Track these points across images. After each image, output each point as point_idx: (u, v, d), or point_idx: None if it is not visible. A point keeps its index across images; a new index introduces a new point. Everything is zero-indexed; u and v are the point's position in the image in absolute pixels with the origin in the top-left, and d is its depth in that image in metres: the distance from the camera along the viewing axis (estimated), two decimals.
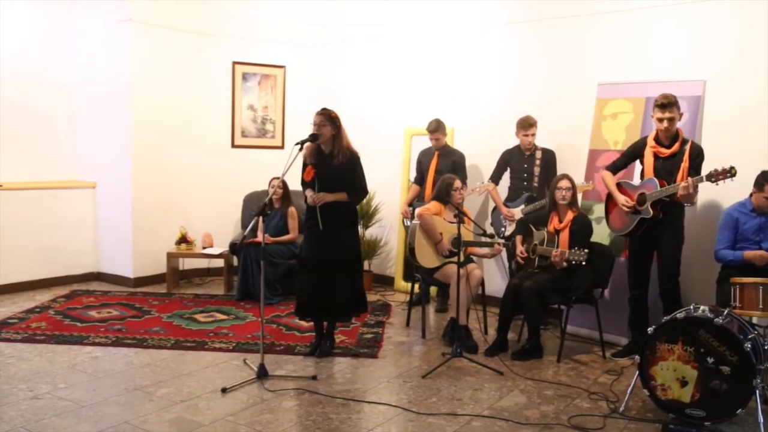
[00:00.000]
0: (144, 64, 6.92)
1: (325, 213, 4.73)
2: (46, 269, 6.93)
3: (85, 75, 7.15)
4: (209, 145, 7.51)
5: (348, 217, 4.87)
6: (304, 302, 4.87)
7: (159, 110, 7.08)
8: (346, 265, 4.80)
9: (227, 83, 7.57)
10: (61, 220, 7.02)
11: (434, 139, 6.22)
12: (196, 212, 7.46)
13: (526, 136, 5.73)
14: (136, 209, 6.99)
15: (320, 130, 4.68)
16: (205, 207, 7.50)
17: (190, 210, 7.43)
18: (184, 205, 7.40)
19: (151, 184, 7.08)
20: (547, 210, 5.24)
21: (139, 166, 6.97)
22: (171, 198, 7.28)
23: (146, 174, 7.03)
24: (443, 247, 5.27)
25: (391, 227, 7.33)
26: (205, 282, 7.41)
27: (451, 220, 5.27)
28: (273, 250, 6.37)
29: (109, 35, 6.94)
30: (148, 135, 7.02)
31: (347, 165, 4.72)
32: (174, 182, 7.29)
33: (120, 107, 6.93)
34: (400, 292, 7.03)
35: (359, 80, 7.58)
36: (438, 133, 6.19)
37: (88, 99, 7.16)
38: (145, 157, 7.01)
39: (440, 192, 5.39)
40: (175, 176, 7.30)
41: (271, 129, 7.82)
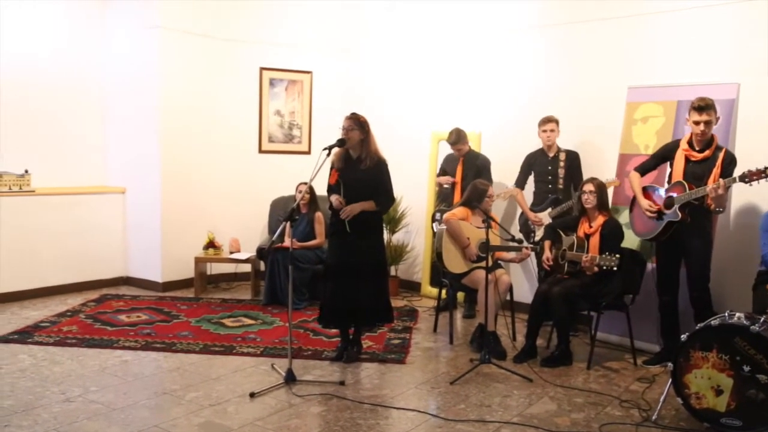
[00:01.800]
0: (172, 71, 6.97)
1: (352, 221, 4.71)
2: (77, 273, 6.99)
3: (115, 81, 7.22)
4: (236, 151, 7.54)
5: (374, 223, 4.85)
6: (328, 310, 4.86)
7: (187, 116, 7.13)
8: (372, 272, 4.79)
9: (254, 89, 7.60)
10: (91, 225, 7.08)
11: (456, 150, 6.22)
12: (224, 217, 7.49)
13: (545, 132, 5.71)
14: (164, 215, 7.03)
15: (348, 134, 4.67)
16: (233, 212, 7.52)
17: (218, 215, 7.46)
18: (212, 211, 7.43)
19: (179, 190, 7.13)
20: (577, 214, 5.20)
21: (167, 172, 7.02)
22: (199, 203, 7.32)
23: (174, 179, 7.08)
24: (471, 252, 5.24)
25: (418, 232, 7.31)
26: (233, 287, 7.44)
27: (479, 225, 5.26)
28: (300, 255, 6.37)
29: (139, 42, 7.01)
30: (177, 141, 7.07)
31: (374, 170, 4.70)
32: (202, 187, 7.33)
33: (149, 113, 6.99)
34: (427, 298, 7.00)
35: (386, 85, 7.57)
36: (459, 145, 6.18)
37: (118, 105, 7.23)
38: (174, 163, 7.06)
39: (471, 198, 5.37)
40: (203, 182, 7.34)
41: (298, 134, 7.82)
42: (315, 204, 6.65)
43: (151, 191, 7.05)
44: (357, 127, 4.68)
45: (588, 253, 4.87)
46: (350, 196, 4.72)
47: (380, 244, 4.90)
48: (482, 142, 6.64)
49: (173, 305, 6.46)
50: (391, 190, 4.81)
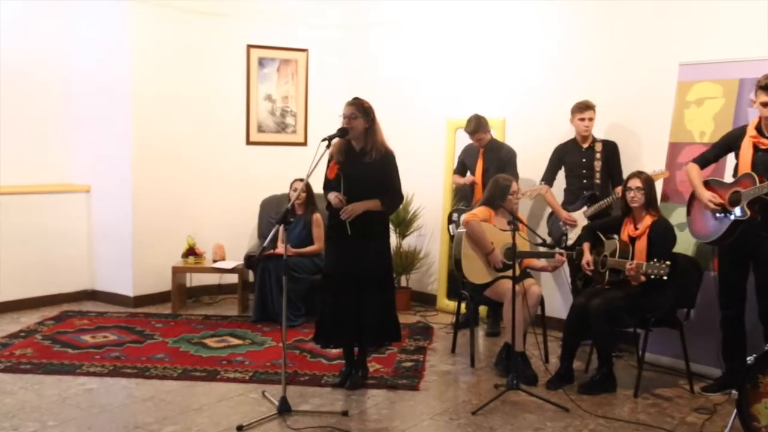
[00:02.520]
0: (145, 51, 6.95)
1: (353, 219, 4.71)
2: (32, 287, 6.96)
3: (79, 63, 7.19)
4: (220, 143, 7.54)
5: (379, 225, 4.85)
6: (328, 327, 4.86)
7: (162, 103, 7.11)
8: (376, 282, 4.78)
9: (241, 70, 7.58)
10: (49, 229, 7.05)
11: (476, 140, 6.24)
12: (206, 220, 7.48)
13: (582, 120, 5.73)
14: (136, 217, 7.02)
15: (351, 123, 4.68)
16: (217, 214, 7.52)
17: (199, 218, 7.45)
18: (192, 212, 7.42)
19: (153, 188, 7.11)
20: (619, 214, 5.17)
21: (139, 167, 7.00)
22: (177, 204, 7.31)
23: (148, 176, 7.06)
24: (495, 259, 5.24)
25: (433, 236, 7.29)
26: (217, 301, 7.43)
27: (504, 228, 5.24)
28: (295, 263, 6.37)
29: (105, 19, 7.00)
30: (151, 132, 7.05)
31: (380, 164, 4.71)
32: (180, 185, 7.32)
33: (118, 100, 6.97)
34: (444, 313, 6.99)
35: (394, 65, 7.57)
36: (479, 134, 6.19)
37: (82, 91, 7.20)
38: (147, 157, 7.04)
39: (493, 195, 5.39)
40: (182, 178, 7.33)
41: (292, 123, 7.82)
42: (312, 204, 6.66)
43: (120, 190, 7.03)
44: (361, 114, 4.68)
45: (633, 260, 4.83)
46: (352, 193, 4.71)
47: (386, 250, 4.91)
48: (506, 131, 6.64)
49: (147, 323, 6.44)
50: (400, 187, 4.83)
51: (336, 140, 4.70)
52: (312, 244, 6.57)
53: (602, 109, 5.80)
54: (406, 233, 7.16)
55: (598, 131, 5.84)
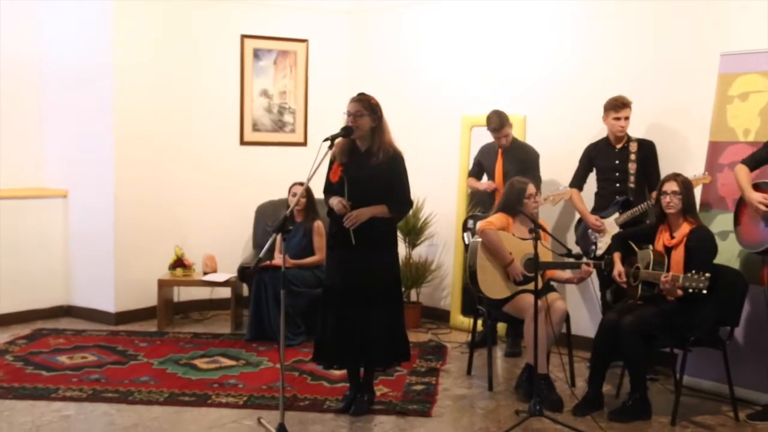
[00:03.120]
0: (128, 44, 6.96)
1: (358, 230, 4.71)
2: (2, 302, 6.95)
3: (54, 56, 7.20)
4: (212, 143, 7.55)
5: (386, 233, 4.85)
6: (328, 345, 4.85)
7: (148, 100, 7.12)
8: (384, 295, 4.78)
9: (234, 63, 7.60)
10: (21, 238, 7.05)
11: (502, 137, 6.23)
12: (196, 228, 7.49)
13: (618, 120, 5.69)
14: (118, 224, 7.01)
15: (357, 121, 4.68)
16: (207, 221, 7.53)
17: (188, 225, 7.46)
18: (181, 219, 7.43)
19: (137, 193, 7.11)
20: (654, 221, 5.15)
21: (122, 170, 7.00)
22: (163, 210, 7.31)
23: (132, 179, 7.06)
24: (515, 271, 5.24)
25: (446, 246, 7.29)
26: (207, 317, 7.42)
27: (524, 236, 5.24)
28: (294, 276, 6.36)
29: (84, 7, 7.01)
30: (135, 131, 7.05)
31: (387, 166, 4.71)
32: (167, 190, 7.33)
33: (99, 97, 6.98)
34: (459, 331, 6.98)
35: (404, 57, 7.58)
36: (504, 130, 6.19)
37: (58, 87, 7.21)
38: (131, 159, 7.04)
39: (509, 200, 5.39)
40: (169, 182, 7.33)
41: (291, 121, 7.82)
42: (313, 210, 6.66)
43: (101, 194, 7.03)
44: (367, 111, 4.69)
45: (669, 272, 4.81)
46: (356, 198, 4.71)
47: (394, 260, 4.92)
48: (527, 130, 6.64)
49: (130, 342, 6.44)
50: (409, 192, 4.84)
51: (339, 140, 4.69)
52: (312, 254, 6.57)
53: (634, 106, 5.74)
54: (417, 242, 7.15)
55: (632, 129, 5.79)
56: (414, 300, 7.18)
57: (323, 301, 4.96)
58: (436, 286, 7.38)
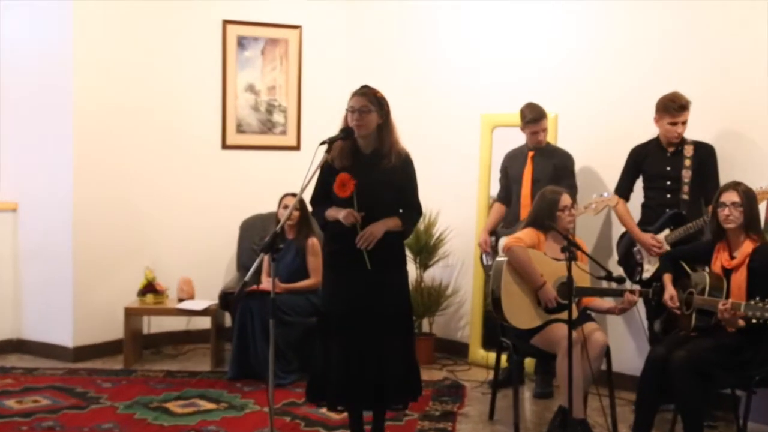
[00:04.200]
0: (92, 32, 6.98)
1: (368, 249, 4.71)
2: None
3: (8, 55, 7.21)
4: (188, 147, 7.58)
5: (397, 251, 4.88)
6: (330, 381, 4.82)
7: (114, 98, 7.16)
8: (398, 322, 4.79)
9: (215, 53, 7.63)
10: None
11: (541, 131, 6.19)
12: (170, 247, 7.52)
13: (674, 125, 5.65)
14: (78, 243, 7.02)
15: (362, 118, 4.65)
16: (183, 239, 7.56)
17: (161, 244, 7.49)
18: (152, 237, 7.45)
19: (101, 206, 7.12)
20: (711, 239, 5.13)
21: (83, 180, 7.02)
22: (132, 226, 7.34)
23: (94, 190, 7.08)
24: (547, 296, 5.22)
25: (464, 267, 7.31)
26: (183, 352, 7.44)
27: (557, 256, 5.25)
28: (286, 302, 6.35)
29: None
30: (98, 134, 7.08)
31: (401, 171, 4.72)
32: (136, 203, 7.35)
33: (57, 95, 7.01)
34: (479, 367, 6.99)
35: (414, 47, 7.60)
36: (543, 122, 6.17)
37: (8, 83, 7.23)
38: (94, 167, 7.06)
39: (539, 213, 5.39)
40: (139, 194, 7.35)
41: (282, 121, 7.86)
42: (308, 226, 6.67)
43: (57, 208, 7.05)
44: (374, 106, 4.67)
45: (728, 299, 4.79)
46: (367, 210, 4.69)
47: (406, 282, 4.95)
48: (559, 130, 6.64)
49: (91, 382, 6.43)
50: (419, 199, 4.89)
51: (337, 143, 4.69)
52: (306, 277, 6.57)
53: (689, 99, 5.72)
54: (429, 263, 7.16)
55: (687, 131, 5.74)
56: (426, 331, 7.17)
57: (321, 329, 4.94)
58: (452, 315, 7.38)
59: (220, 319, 7.01)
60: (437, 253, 7.18)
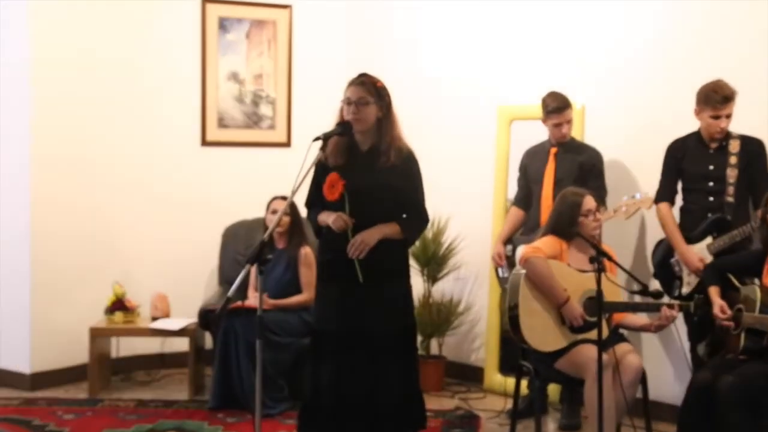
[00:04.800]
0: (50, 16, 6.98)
1: (363, 258, 4.74)
2: None
3: None
4: (163, 145, 7.60)
5: (397, 261, 4.92)
6: (322, 408, 4.84)
7: (75, 92, 7.17)
8: (395, 344, 4.83)
9: (194, 36, 7.66)
10: None
11: (565, 122, 6.18)
12: (141, 259, 7.54)
13: (717, 119, 5.62)
14: (36, 257, 7.03)
15: (360, 111, 4.70)
16: (157, 250, 7.58)
17: (131, 255, 7.51)
18: (121, 248, 7.47)
19: (62, 214, 7.13)
20: (761, 249, 5.14)
21: (41, 182, 7.02)
22: (98, 235, 7.34)
23: (55, 194, 7.08)
24: (572, 314, 5.20)
25: (478, 280, 7.32)
26: (157, 379, 7.45)
27: (583, 267, 5.28)
28: (275, 321, 6.34)
29: None
30: (59, 130, 7.09)
31: (401, 171, 4.77)
32: (103, 209, 7.36)
33: (9, 86, 7.00)
34: (495, 395, 6.99)
35: (420, 30, 7.63)
36: (568, 112, 6.15)
37: None
38: (54, 166, 7.07)
39: (560, 218, 5.41)
40: (106, 198, 7.36)
41: (269, 114, 7.89)
42: (300, 233, 6.70)
43: (10, 214, 7.06)
44: (373, 98, 4.74)
45: None
46: (359, 214, 4.75)
47: (408, 297, 4.98)
48: (585, 124, 6.66)
49: (51, 414, 6.41)
50: (424, 203, 4.93)
51: (333, 139, 4.72)
52: (298, 291, 6.58)
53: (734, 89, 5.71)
54: (438, 276, 7.18)
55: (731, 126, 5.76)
56: (435, 353, 7.18)
57: (313, 349, 4.97)
58: (464, 335, 7.39)
59: (199, 340, 7.00)
60: (447, 265, 7.19)
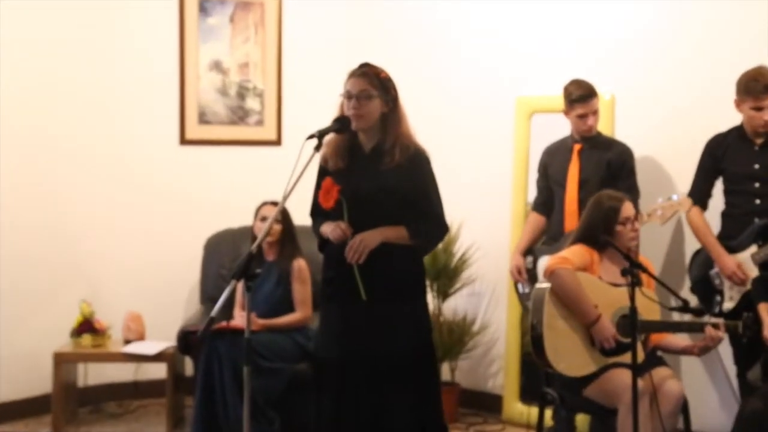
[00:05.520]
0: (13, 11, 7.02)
1: (367, 271, 4.70)
2: None
3: None
4: (135, 144, 7.63)
5: (410, 276, 4.89)
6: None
7: (38, 83, 7.20)
8: (408, 372, 4.81)
9: (169, 20, 7.67)
10: None
11: (590, 113, 6.16)
12: (112, 274, 7.57)
13: (760, 110, 5.64)
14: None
15: (362, 106, 4.68)
16: (130, 264, 7.60)
17: (101, 270, 7.54)
18: (89, 261, 7.50)
19: (21, 220, 7.16)
20: None
21: (2, 188, 7.04)
22: (62, 248, 7.38)
23: (13, 203, 7.10)
24: (603, 334, 5.19)
25: (495, 296, 7.35)
26: (131, 410, 7.46)
27: (616, 281, 5.25)
28: (264, 344, 6.31)
29: None
30: (17, 132, 7.10)
31: (408, 172, 4.73)
32: (68, 216, 7.38)
33: None
34: (516, 426, 7.02)
35: (431, 13, 7.62)
36: (594, 101, 6.13)
37: None
38: (14, 168, 7.10)
39: (593, 226, 5.38)
40: (71, 205, 7.39)
41: (257, 108, 7.90)
42: (292, 244, 6.68)
43: None
44: (376, 91, 4.70)
45: None
46: (361, 222, 4.73)
47: (424, 318, 4.97)
48: (615, 116, 6.66)
49: None
50: (442, 209, 4.87)
51: (331, 137, 4.72)
52: (291, 310, 6.56)
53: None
54: (450, 291, 7.18)
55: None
56: (448, 379, 7.16)
57: (316, 382, 4.95)
58: (480, 358, 7.42)
59: (179, 366, 7.02)
60: (460, 278, 7.19)
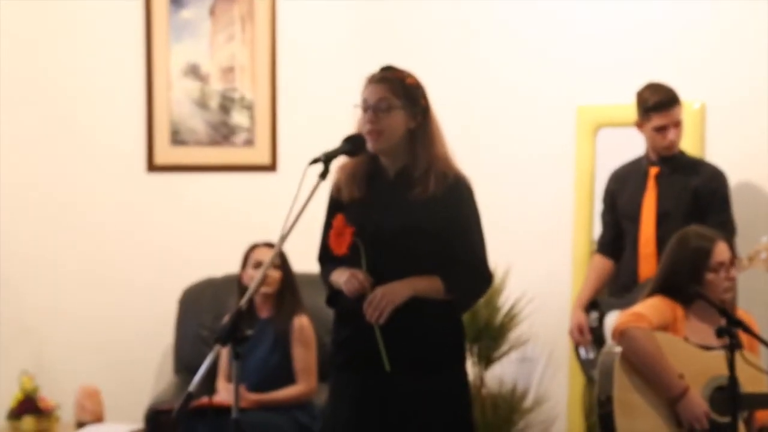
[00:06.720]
0: None
1: (391, 333, 4.68)
2: None
3: None
4: (93, 170, 7.69)
5: (445, 340, 4.85)
6: None
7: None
8: None
9: (134, 15, 7.72)
10: None
11: (671, 125, 6.15)
12: (61, 339, 7.61)
13: None
14: None
15: (378, 121, 4.65)
16: (84, 325, 7.64)
17: (46, 333, 7.59)
18: (32, 323, 7.56)
19: None
20: None
21: None
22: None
23: None
24: (691, 412, 5.18)
25: (552, 361, 7.41)
26: None
27: (708, 342, 5.26)
28: (258, 424, 6.32)
29: None
30: None
31: (443, 207, 4.68)
32: (7, 265, 7.44)
33: None
34: None
35: (465, 7, 7.65)
36: (675, 111, 6.13)
37: None
38: None
39: (676, 272, 5.41)
40: (11, 250, 7.45)
41: (245, 124, 7.93)
42: (293, 296, 6.72)
43: None
44: (400, 101, 4.65)
45: None
46: (382, 273, 4.68)
47: (464, 392, 4.95)
48: (706, 129, 6.72)
49: None
50: (486, 254, 4.83)
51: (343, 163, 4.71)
52: (291, 381, 6.60)
53: None
54: (494, 355, 7.22)
55: None
56: None
57: None
58: None
59: None
60: (507, 339, 7.22)
